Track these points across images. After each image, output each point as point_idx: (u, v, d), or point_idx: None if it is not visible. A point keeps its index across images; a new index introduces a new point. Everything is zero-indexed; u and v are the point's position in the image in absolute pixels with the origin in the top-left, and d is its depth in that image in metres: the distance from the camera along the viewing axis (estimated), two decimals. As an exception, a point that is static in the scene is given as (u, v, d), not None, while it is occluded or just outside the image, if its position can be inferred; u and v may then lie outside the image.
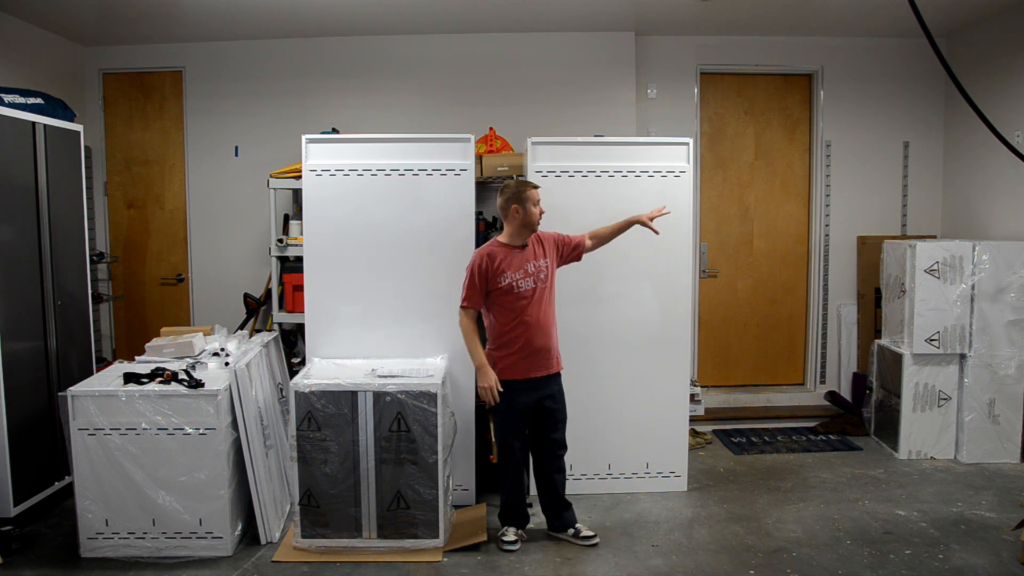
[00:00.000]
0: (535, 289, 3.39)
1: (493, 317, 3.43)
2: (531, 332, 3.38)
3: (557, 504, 3.52)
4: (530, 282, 3.39)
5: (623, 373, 4.01)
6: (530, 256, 3.42)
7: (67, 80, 5.19)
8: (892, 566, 3.21)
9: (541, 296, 3.41)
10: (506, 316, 3.39)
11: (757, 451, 4.77)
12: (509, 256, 3.39)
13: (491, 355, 3.43)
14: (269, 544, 3.45)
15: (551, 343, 3.46)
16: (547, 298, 3.44)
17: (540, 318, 3.40)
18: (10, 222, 3.58)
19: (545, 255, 3.46)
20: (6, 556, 3.28)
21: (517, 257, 3.40)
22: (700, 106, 5.52)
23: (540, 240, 3.49)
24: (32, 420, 3.68)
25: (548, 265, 3.45)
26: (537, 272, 3.40)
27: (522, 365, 3.39)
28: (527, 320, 3.37)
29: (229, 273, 5.42)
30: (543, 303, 3.42)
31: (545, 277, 3.43)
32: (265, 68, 5.34)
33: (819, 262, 5.63)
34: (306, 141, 3.83)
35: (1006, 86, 4.82)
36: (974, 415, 4.51)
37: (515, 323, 3.37)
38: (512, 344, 3.39)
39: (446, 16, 4.90)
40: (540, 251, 3.46)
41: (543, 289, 3.42)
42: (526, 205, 3.38)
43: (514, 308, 3.37)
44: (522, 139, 4.27)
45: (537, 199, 3.42)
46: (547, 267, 3.45)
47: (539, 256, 3.44)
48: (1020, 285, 4.44)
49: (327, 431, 3.33)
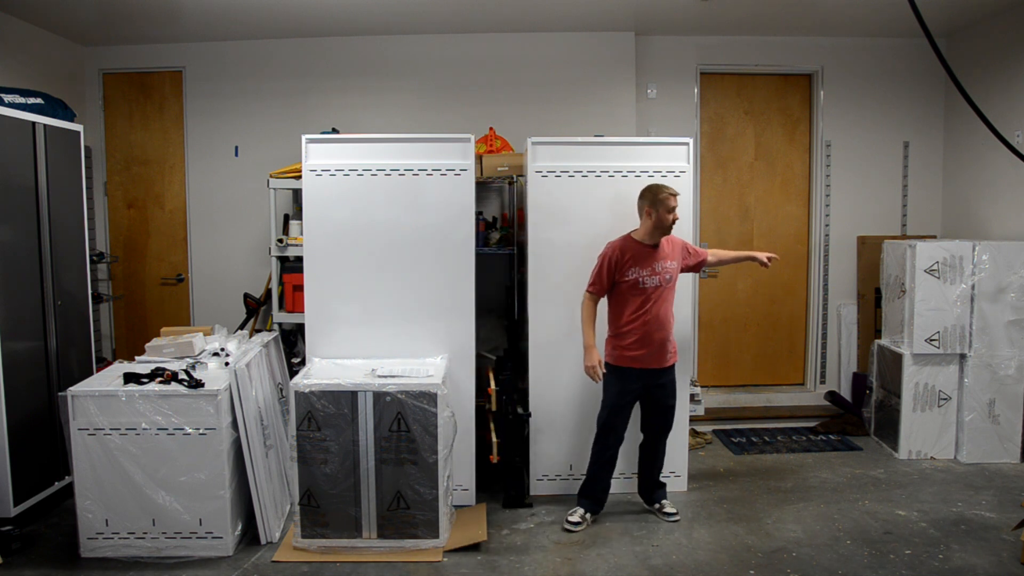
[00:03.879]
0: (659, 288, 3.57)
1: (616, 307, 3.63)
2: (650, 327, 3.55)
3: (651, 483, 3.82)
4: (656, 280, 3.56)
5: (623, 373, 4.01)
6: (660, 256, 3.58)
7: (67, 80, 5.19)
8: (892, 566, 3.21)
9: (662, 294, 3.58)
10: (629, 308, 3.58)
11: (757, 451, 4.77)
12: (639, 253, 3.57)
13: (611, 341, 3.65)
14: (269, 544, 3.45)
15: (667, 337, 3.62)
16: (668, 296, 3.62)
17: (660, 314, 3.57)
18: (10, 222, 3.58)
19: (673, 258, 3.64)
20: (6, 556, 3.28)
21: (647, 255, 3.57)
22: (700, 106, 5.52)
23: (671, 243, 3.66)
24: (32, 420, 3.68)
25: (675, 267, 3.65)
26: (663, 272, 3.58)
27: (637, 356, 3.57)
28: (647, 315, 3.55)
29: (229, 273, 5.42)
30: (663, 301, 3.59)
31: (670, 278, 3.62)
32: (265, 68, 5.34)
33: (819, 262, 5.63)
34: (306, 141, 3.83)
35: (1006, 86, 4.82)
36: (974, 415, 4.51)
37: (636, 316, 3.56)
38: (630, 335, 3.57)
39: (446, 16, 4.90)
40: (670, 252, 3.63)
41: (666, 288, 3.60)
42: (659, 210, 3.53)
43: (636, 302, 3.56)
44: (522, 139, 4.27)
45: (672, 206, 3.54)
46: (673, 269, 3.64)
47: (668, 258, 3.61)
48: (1020, 285, 4.44)
49: (327, 431, 3.33)
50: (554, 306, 3.96)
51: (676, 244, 3.70)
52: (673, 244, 3.68)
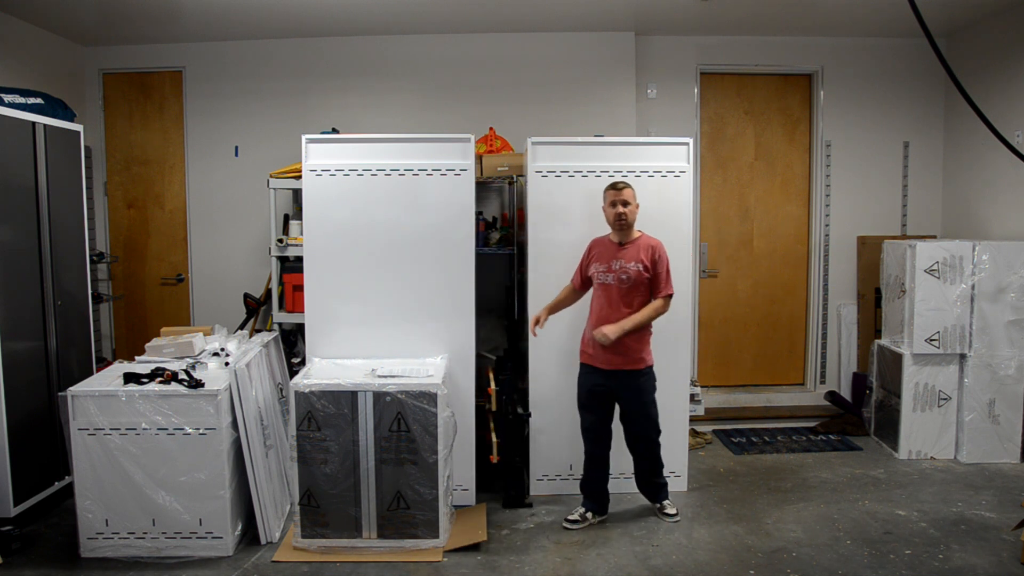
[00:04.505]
0: (613, 286, 3.54)
1: (591, 302, 3.70)
2: (597, 323, 3.55)
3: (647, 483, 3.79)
4: (610, 278, 3.55)
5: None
6: (621, 255, 3.55)
7: (67, 80, 5.19)
8: (892, 566, 3.21)
9: (619, 295, 3.52)
10: (592, 304, 3.67)
11: (757, 451, 4.77)
12: (604, 249, 3.62)
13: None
14: (269, 544, 3.45)
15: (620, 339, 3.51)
16: (628, 299, 3.53)
17: (612, 317, 3.52)
18: (10, 222, 3.58)
19: (638, 261, 3.52)
20: (6, 556, 3.28)
21: (609, 252, 3.60)
22: (700, 106, 5.52)
23: (646, 249, 3.55)
24: (32, 420, 3.68)
25: (636, 271, 3.51)
26: (620, 271, 3.53)
27: (589, 353, 3.63)
28: (600, 312, 3.57)
29: (229, 273, 5.42)
30: (619, 302, 3.52)
31: (627, 279, 3.52)
32: (265, 68, 5.34)
33: (819, 262, 5.63)
34: (306, 141, 3.83)
35: (1006, 86, 4.82)
36: (974, 415, 4.51)
37: (592, 312, 3.64)
38: (587, 331, 3.65)
39: (446, 16, 4.90)
40: (635, 256, 3.53)
41: (624, 289, 3.52)
42: (604, 204, 3.60)
43: (596, 298, 3.63)
44: (522, 139, 4.27)
45: (611, 199, 3.54)
46: (634, 272, 3.51)
47: (631, 259, 3.52)
48: (1020, 285, 4.44)
49: (327, 431, 3.33)
50: (554, 306, 3.96)
51: (649, 252, 3.53)
52: (646, 251, 3.53)
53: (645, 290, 3.55)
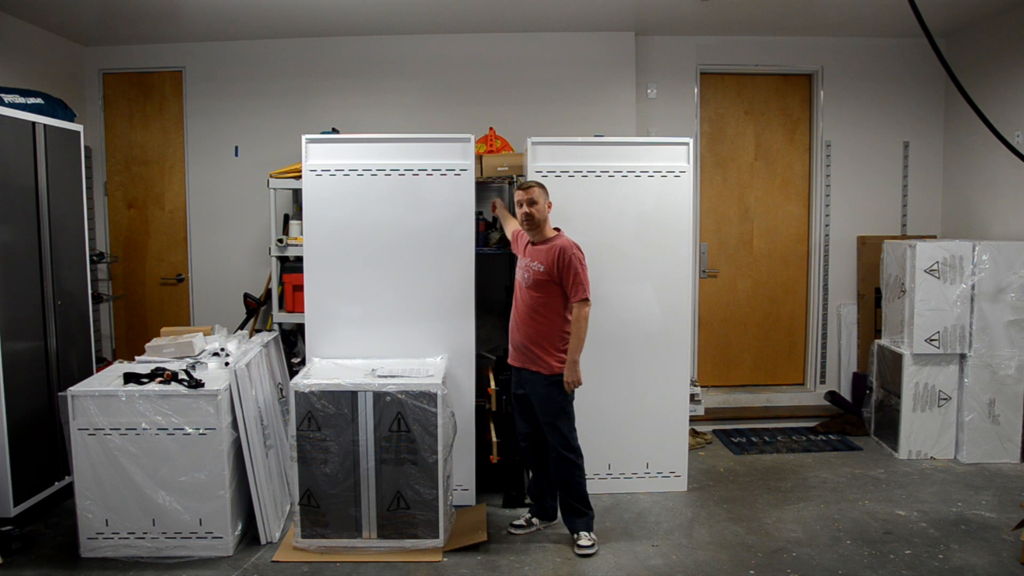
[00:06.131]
0: (520, 285, 3.49)
1: None
2: (513, 322, 3.53)
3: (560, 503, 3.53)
4: (520, 274, 3.51)
5: (623, 373, 4.01)
6: (531, 254, 3.48)
7: (67, 80, 5.19)
8: (892, 566, 3.21)
9: (523, 293, 3.46)
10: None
11: (757, 451, 4.77)
12: (524, 244, 3.58)
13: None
14: (269, 544, 3.45)
15: (523, 342, 3.43)
16: (534, 301, 3.39)
17: (519, 316, 3.48)
18: (10, 222, 3.58)
19: (544, 263, 3.37)
20: (6, 556, 3.28)
21: (526, 248, 3.56)
22: (700, 106, 5.52)
23: (556, 253, 3.34)
24: (32, 420, 3.68)
25: (539, 272, 3.38)
26: (526, 269, 3.47)
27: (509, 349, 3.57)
28: (514, 308, 3.53)
29: (229, 273, 5.42)
30: (526, 302, 3.43)
31: (529, 279, 3.42)
32: (265, 68, 5.34)
33: (819, 262, 5.63)
34: (306, 141, 3.83)
35: (1006, 86, 4.82)
36: (974, 415, 4.51)
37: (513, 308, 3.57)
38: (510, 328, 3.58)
39: (446, 16, 4.90)
40: (543, 259, 3.38)
41: (529, 290, 3.42)
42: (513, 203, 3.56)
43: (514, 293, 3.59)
44: (522, 139, 4.27)
45: (518, 199, 3.46)
46: (538, 273, 3.38)
47: (538, 260, 3.41)
48: (1020, 285, 4.44)
49: (327, 431, 3.33)
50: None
51: (555, 254, 3.34)
52: (553, 253, 3.35)
53: (554, 296, 3.36)
